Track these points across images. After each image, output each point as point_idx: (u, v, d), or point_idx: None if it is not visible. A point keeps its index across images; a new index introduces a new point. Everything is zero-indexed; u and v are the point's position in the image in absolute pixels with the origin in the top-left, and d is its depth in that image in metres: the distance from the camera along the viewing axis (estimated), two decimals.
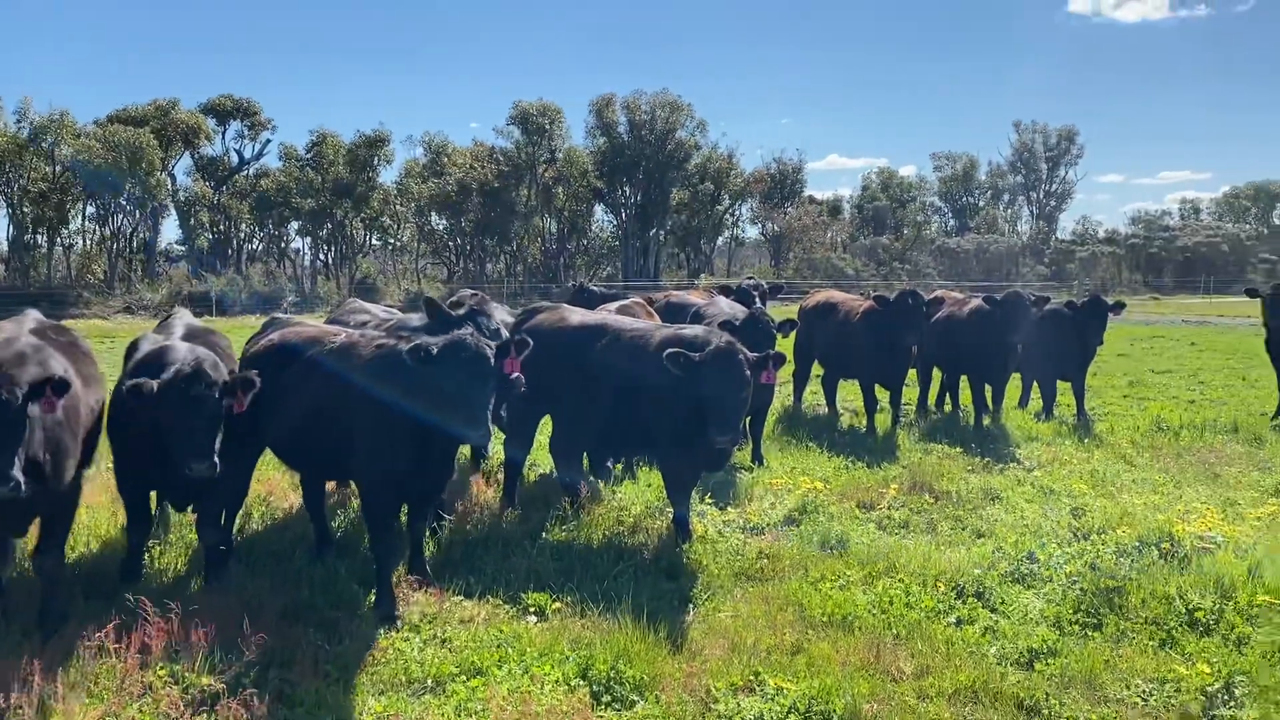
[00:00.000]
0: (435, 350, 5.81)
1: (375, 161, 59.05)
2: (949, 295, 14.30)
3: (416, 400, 5.89)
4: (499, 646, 5.46)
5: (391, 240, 67.86)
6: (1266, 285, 13.90)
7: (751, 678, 5.14)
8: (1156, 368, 20.50)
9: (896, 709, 4.88)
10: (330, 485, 8.62)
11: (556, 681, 5.07)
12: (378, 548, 6.20)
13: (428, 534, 6.99)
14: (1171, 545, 6.98)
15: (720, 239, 77.95)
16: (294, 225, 61.62)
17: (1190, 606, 5.94)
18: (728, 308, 11.05)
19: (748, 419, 9.52)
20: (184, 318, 7.51)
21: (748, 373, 6.91)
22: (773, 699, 4.91)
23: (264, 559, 6.87)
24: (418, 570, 6.48)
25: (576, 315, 8.46)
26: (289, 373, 6.61)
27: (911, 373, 13.36)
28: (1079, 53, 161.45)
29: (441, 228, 64.35)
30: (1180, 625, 5.79)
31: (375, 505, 6.32)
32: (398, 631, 5.71)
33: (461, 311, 7.55)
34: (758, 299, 12.54)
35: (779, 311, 13.94)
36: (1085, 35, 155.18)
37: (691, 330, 7.67)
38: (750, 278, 14.39)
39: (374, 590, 6.14)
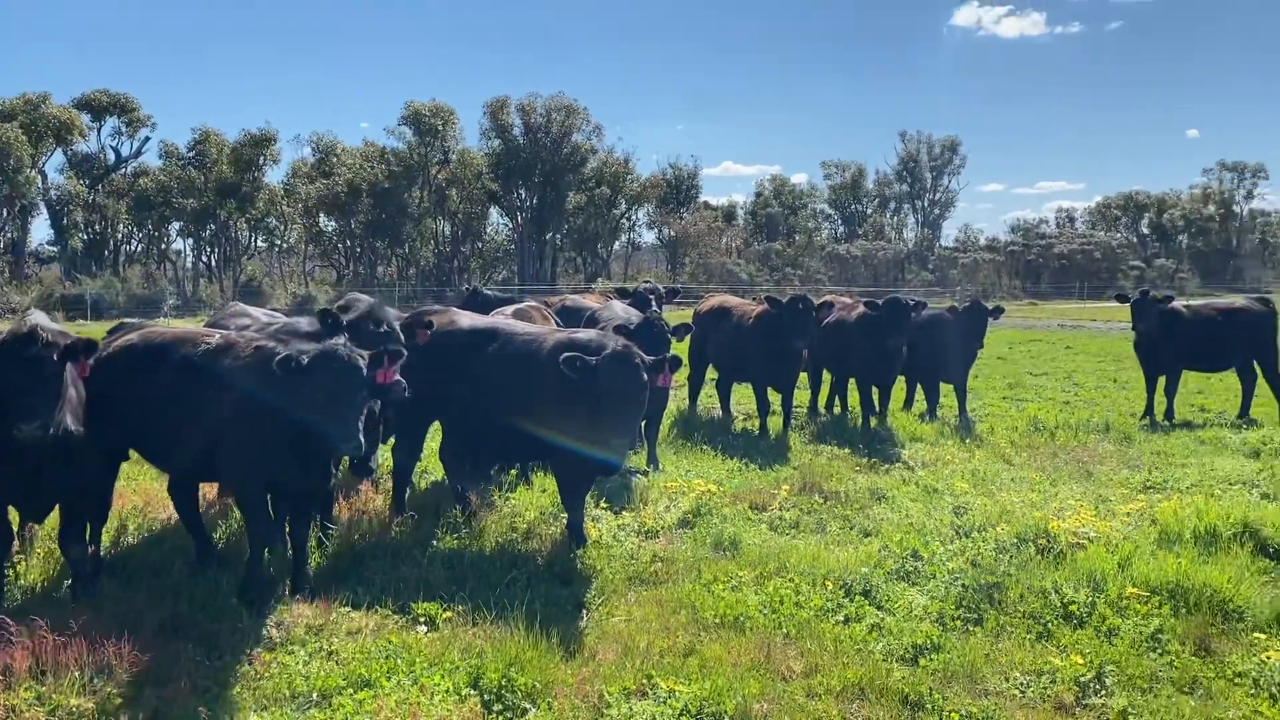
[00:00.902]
0: (305, 360, 5.75)
1: (261, 161, 57.55)
2: (838, 300, 14.60)
3: (288, 407, 5.82)
4: (388, 657, 5.34)
5: (278, 242, 66.22)
6: (1135, 291, 14.59)
7: (644, 681, 5.15)
8: (1034, 370, 21.34)
9: (786, 708, 4.94)
10: (212, 495, 8.34)
11: (447, 691, 4.98)
12: (250, 531, 6.32)
13: (314, 544, 6.83)
14: (1048, 541, 7.24)
15: (617, 243, 78.33)
16: (175, 226, 59.64)
17: (1065, 600, 6.17)
18: (623, 312, 11.08)
19: (643, 422, 9.55)
20: (36, 318, 7.16)
21: (644, 376, 6.92)
22: (665, 702, 4.92)
23: (141, 572, 6.59)
24: (302, 582, 6.30)
25: (466, 319, 8.35)
26: (154, 373, 6.44)
27: (803, 376, 13.63)
28: (962, 66, 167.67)
29: (330, 229, 63.03)
30: (1056, 618, 6.00)
31: (245, 498, 6.38)
32: (280, 644, 5.54)
33: (350, 317, 7.37)
34: (654, 303, 12.61)
35: (676, 316, 14.05)
36: (968, 49, 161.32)
37: (586, 334, 7.65)
38: (647, 282, 14.47)
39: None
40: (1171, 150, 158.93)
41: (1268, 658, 5.31)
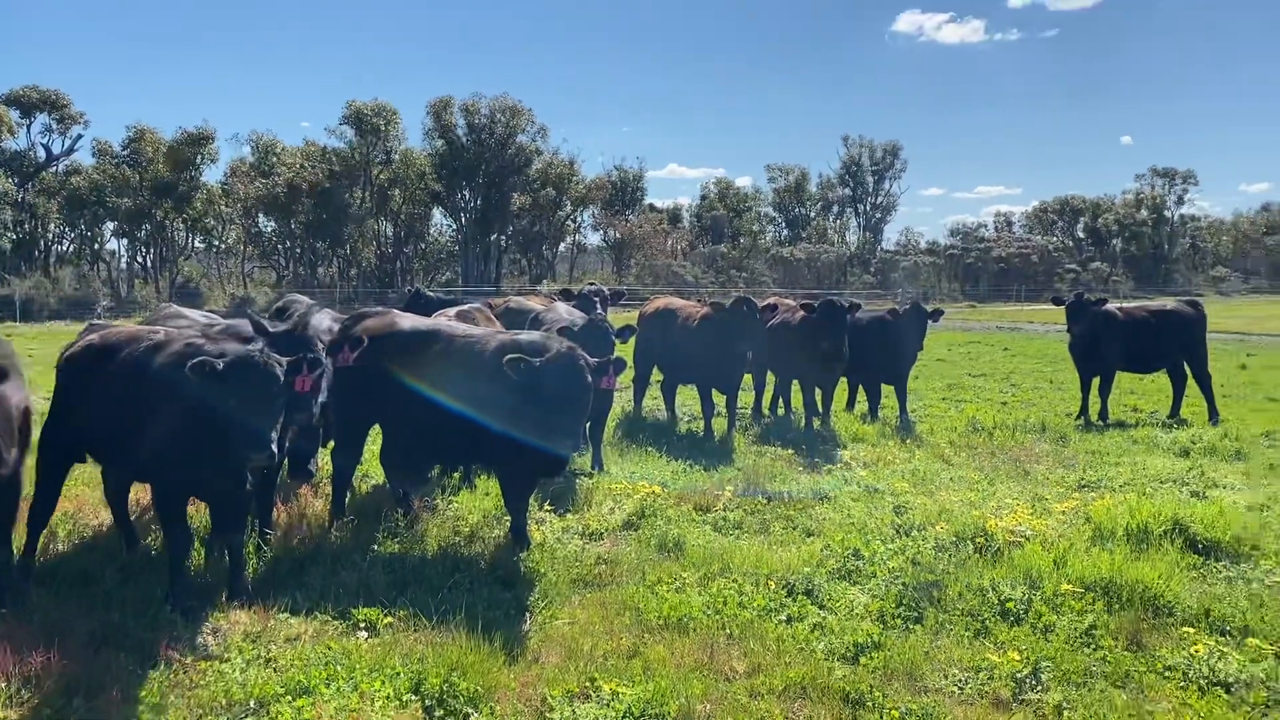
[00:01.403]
0: (220, 366, 5.69)
1: (199, 160, 56.53)
2: (782, 302, 14.72)
3: (205, 411, 5.76)
4: (327, 664, 5.26)
5: (216, 242, 64.98)
6: (1070, 294, 14.89)
7: (587, 684, 5.13)
8: (973, 371, 21.70)
9: (729, 708, 4.95)
10: (146, 502, 8.16)
11: (388, 698, 4.92)
12: (168, 540, 6.26)
13: (251, 549, 6.72)
14: (985, 540, 7.36)
15: (562, 245, 78.13)
16: (109, 226, 58.20)
17: (1002, 598, 6.26)
18: (567, 314, 11.05)
19: (587, 424, 9.53)
20: None
21: (589, 378, 6.90)
22: (608, 704, 4.91)
23: (71, 580, 6.42)
24: (239, 590, 6.19)
25: (407, 321, 8.27)
26: (102, 373, 6.43)
27: (747, 377, 13.71)
28: (903, 71, 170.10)
29: (270, 230, 61.97)
30: (993, 615, 6.09)
31: (162, 500, 6.26)
32: (217, 652, 5.43)
33: (284, 327, 7.25)
34: (599, 305, 12.60)
35: (621, 318, 14.03)
36: (910, 55, 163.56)
37: (529, 336, 7.61)
38: (592, 284, 14.45)
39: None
40: (1106, 156, 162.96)
41: (1196, 651, 5.44)
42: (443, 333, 7.82)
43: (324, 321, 9.09)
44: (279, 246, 62.74)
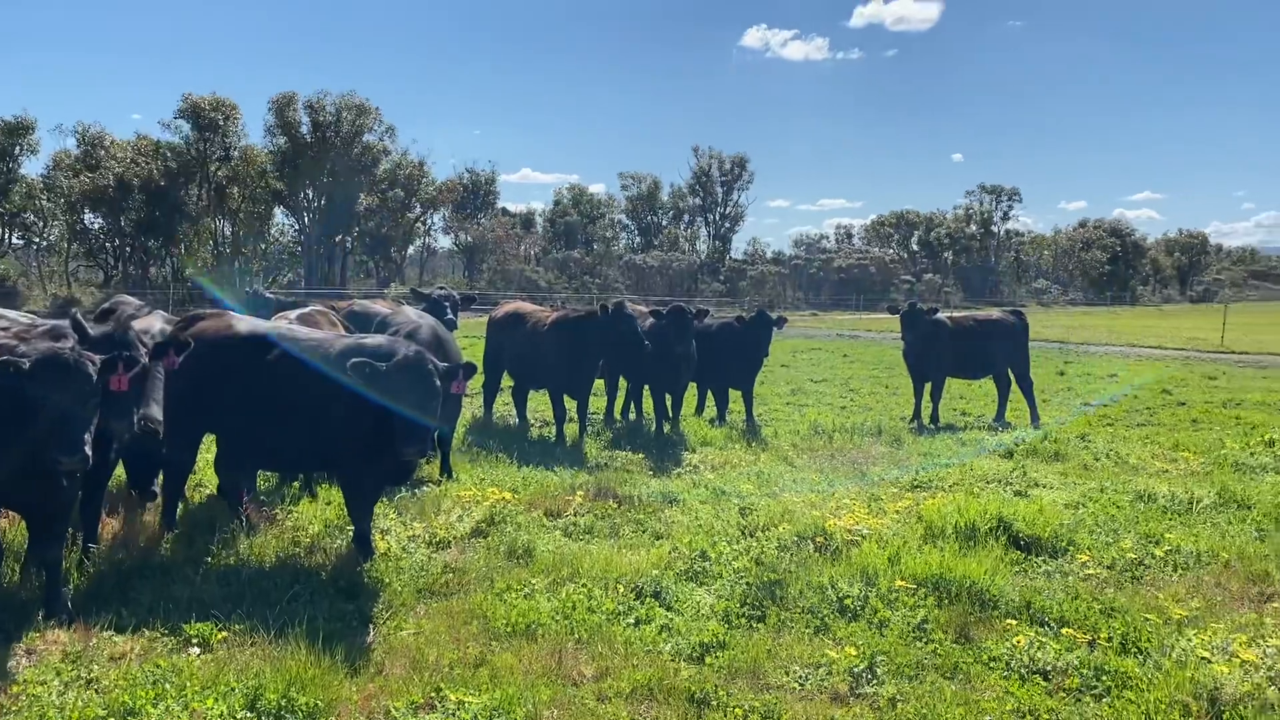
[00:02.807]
0: (25, 365, 5.35)
1: (17, 151, 52.87)
2: (634, 309, 14.83)
3: (11, 413, 5.38)
4: (155, 683, 4.99)
5: (37, 239, 60.84)
6: (904, 304, 15.59)
7: (433, 694, 5.04)
8: (814, 377, 22.42)
9: (576, 713, 4.95)
10: None
11: (221, 715, 4.70)
12: None
13: (73, 565, 6.32)
14: (825, 539, 7.60)
15: (412, 248, 76.66)
16: None
17: (840, 595, 6.48)
18: (415, 317, 10.85)
19: (435, 431, 9.38)
20: None
21: (437, 382, 6.78)
22: (454, 714, 4.83)
23: None
24: (57, 609, 5.79)
25: (245, 323, 7.93)
26: None
27: (599, 382, 13.78)
28: (751, 85, 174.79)
29: (97, 227, 58.34)
30: (832, 612, 6.29)
31: None
32: (31, 674, 5.07)
33: (105, 329, 6.82)
34: (449, 309, 12.43)
35: (473, 323, 13.84)
36: (757, 70, 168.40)
37: (374, 339, 7.41)
38: (442, 287, 14.20)
39: None
40: (939, 172, 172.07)
41: (1018, 642, 5.77)
42: (283, 336, 7.53)
43: (155, 324, 8.62)
44: (107, 245, 59.16)
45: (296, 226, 65.65)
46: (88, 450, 5.40)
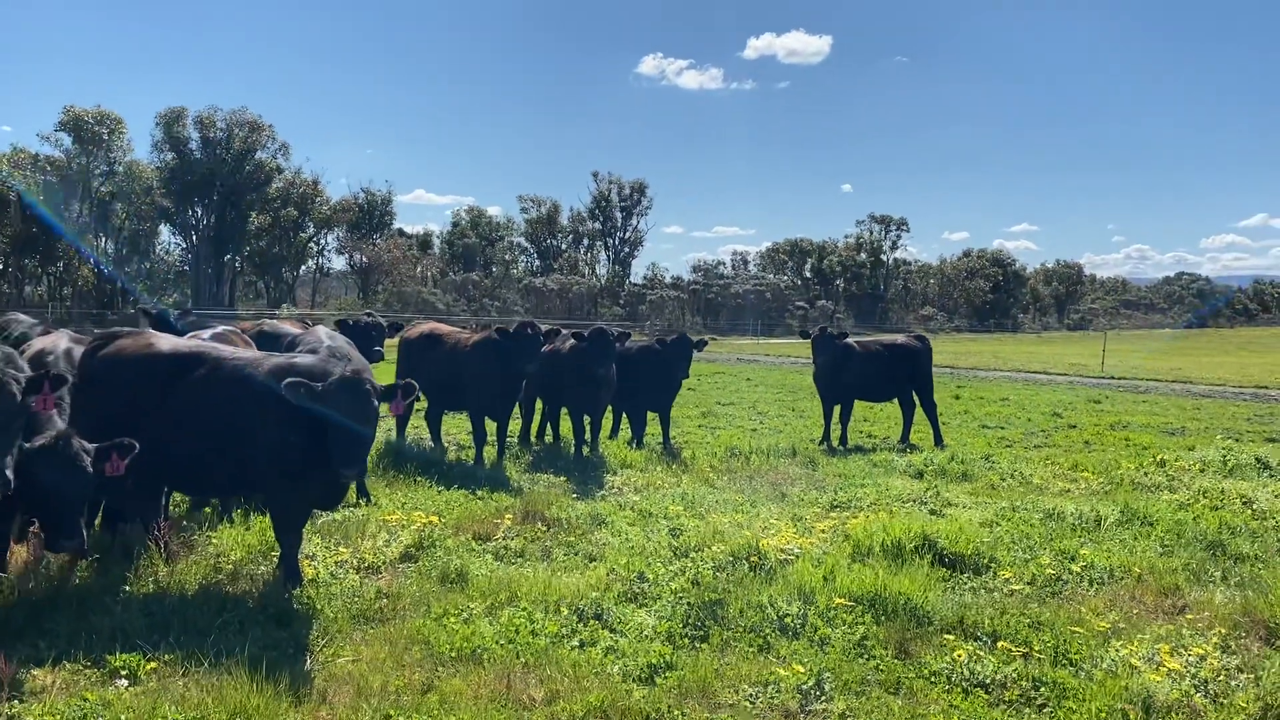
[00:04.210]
0: None
1: None
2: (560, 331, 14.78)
3: None
4: (84, 717, 4.73)
5: None
6: (815, 328, 15.92)
7: None
8: (722, 400, 22.67)
9: None
10: None
11: None
12: None
13: None
14: (759, 558, 7.67)
15: (304, 268, 74.89)
16: None
17: (780, 613, 6.54)
18: (327, 337, 10.58)
19: None
20: None
21: (375, 402, 6.64)
22: None
23: None
24: None
25: (166, 342, 7.62)
26: None
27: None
28: (647, 113, 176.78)
29: None
30: (774, 631, 6.34)
31: None
32: None
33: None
34: (376, 336, 12.25)
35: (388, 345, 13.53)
36: (653, 97, 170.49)
37: (307, 360, 7.21)
38: (369, 313, 13.94)
39: None
40: (830, 202, 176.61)
41: (957, 656, 5.91)
42: (208, 355, 7.25)
43: (61, 343, 8.26)
44: None
45: (183, 245, 63.58)
46: (9, 474, 5.12)
